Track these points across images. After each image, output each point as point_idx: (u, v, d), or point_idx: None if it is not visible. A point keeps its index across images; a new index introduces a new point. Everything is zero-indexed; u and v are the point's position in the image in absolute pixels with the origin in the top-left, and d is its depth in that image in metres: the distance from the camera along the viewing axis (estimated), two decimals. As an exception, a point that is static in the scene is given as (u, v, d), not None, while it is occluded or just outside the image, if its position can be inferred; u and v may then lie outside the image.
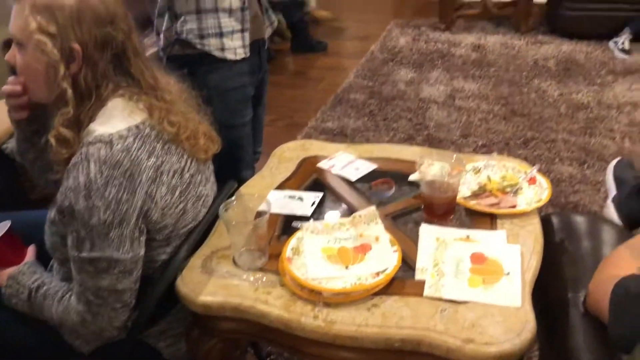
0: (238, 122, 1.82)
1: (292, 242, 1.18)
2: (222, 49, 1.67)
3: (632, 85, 3.39)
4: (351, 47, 4.58)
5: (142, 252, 1.09)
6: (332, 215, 1.30)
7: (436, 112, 3.27)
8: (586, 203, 2.42)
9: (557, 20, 4.16)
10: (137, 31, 1.12)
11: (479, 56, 3.98)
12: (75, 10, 1.02)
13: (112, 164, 1.01)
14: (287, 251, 1.15)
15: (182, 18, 1.61)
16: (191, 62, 1.66)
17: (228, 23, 1.66)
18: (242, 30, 1.71)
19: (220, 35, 1.65)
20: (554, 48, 4.01)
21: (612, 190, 1.69)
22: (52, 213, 1.10)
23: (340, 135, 3.10)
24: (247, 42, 1.74)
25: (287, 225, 1.29)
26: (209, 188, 1.26)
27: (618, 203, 1.61)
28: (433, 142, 2.97)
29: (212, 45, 1.65)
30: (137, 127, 1.07)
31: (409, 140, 3.00)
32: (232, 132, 1.79)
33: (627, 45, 3.79)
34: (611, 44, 3.89)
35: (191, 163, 1.18)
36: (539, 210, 1.31)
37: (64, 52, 1.02)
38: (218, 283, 1.13)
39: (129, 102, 1.09)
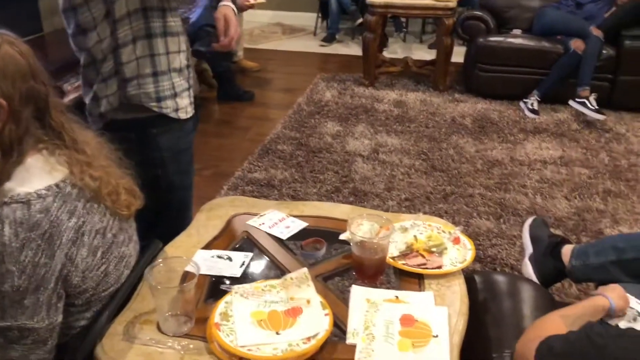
0: (188, 183, 1.80)
1: (221, 306, 1.14)
2: (177, 110, 1.64)
3: (541, 144, 3.63)
4: (278, 98, 4.64)
5: (58, 319, 1.02)
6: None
7: (361, 165, 3.35)
8: (503, 257, 2.53)
9: (472, 81, 4.42)
10: (52, 84, 1.09)
11: (401, 112, 4.14)
12: None
13: (29, 226, 0.95)
14: (215, 316, 1.11)
15: (135, 82, 1.55)
16: (138, 126, 1.60)
17: (179, 82, 1.63)
18: (189, 88, 1.70)
19: (174, 95, 1.62)
20: (470, 106, 4.24)
21: (529, 249, 1.77)
22: None
23: (267, 187, 3.10)
24: (192, 99, 1.73)
25: (215, 287, 1.26)
26: (132, 248, 1.21)
27: (535, 262, 1.70)
28: (359, 194, 3.03)
29: (168, 107, 1.61)
30: (57, 185, 1.02)
31: (335, 192, 3.04)
32: (183, 193, 1.77)
33: (535, 106, 4.07)
34: (522, 104, 4.16)
35: (113, 222, 1.13)
36: (463, 269, 1.35)
37: None
38: (141, 351, 1.08)
39: (49, 158, 1.04)
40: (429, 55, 5.28)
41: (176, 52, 1.61)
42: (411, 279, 1.29)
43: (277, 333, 1.09)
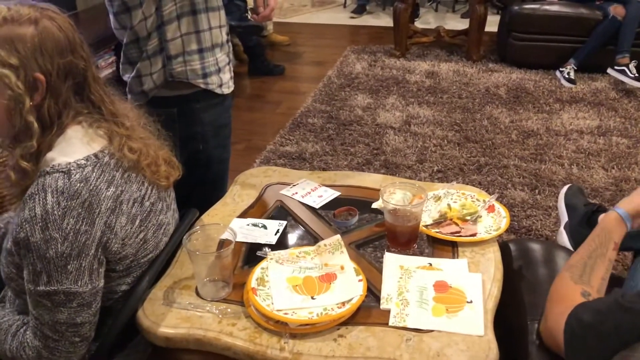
0: (226, 156, 1.83)
1: (257, 272, 1.17)
2: (221, 85, 1.65)
3: (578, 114, 3.54)
4: (308, 72, 4.63)
5: (101, 284, 1.06)
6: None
7: (393, 137, 3.33)
8: (538, 227, 2.50)
9: (506, 50, 4.32)
10: (93, 57, 1.11)
11: (433, 83, 4.08)
12: (37, 40, 0.99)
13: (70, 195, 0.98)
14: (252, 281, 1.14)
15: (181, 59, 1.55)
16: (182, 102, 1.61)
17: (222, 57, 1.64)
18: (229, 62, 1.71)
19: (219, 70, 1.63)
20: (504, 76, 4.15)
21: (564, 217, 1.74)
22: (8, 243, 1.06)
23: (299, 160, 3.11)
24: (232, 73, 1.74)
25: (251, 254, 1.28)
26: (170, 216, 1.24)
27: (570, 230, 1.66)
28: (390, 167, 3.02)
29: (214, 82, 1.62)
30: (95, 155, 1.05)
31: (366, 165, 3.04)
32: (221, 166, 1.80)
33: (572, 75, 3.97)
34: (558, 73, 4.06)
35: (152, 191, 1.16)
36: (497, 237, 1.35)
37: (27, 83, 1.00)
38: (180, 315, 1.11)
39: (88, 130, 1.06)
40: (461, 24, 5.17)
41: (218, 26, 1.61)
42: (445, 247, 1.29)
43: (313, 298, 1.11)
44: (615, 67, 3.78)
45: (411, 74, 4.25)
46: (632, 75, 3.71)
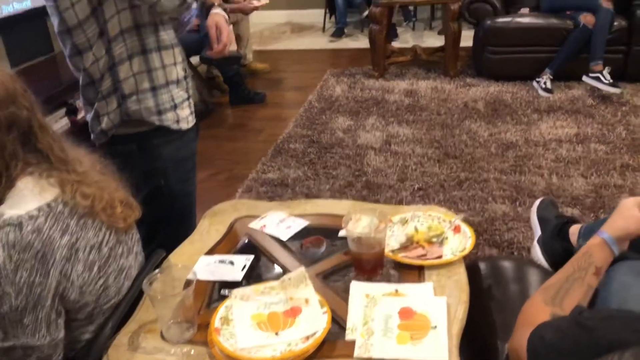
0: (190, 190, 1.83)
1: (221, 311, 1.16)
2: (177, 121, 1.67)
3: (556, 122, 3.57)
4: (289, 98, 4.66)
5: (60, 334, 1.05)
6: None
7: (373, 157, 3.34)
8: (520, 240, 2.50)
9: (482, 64, 4.37)
10: (38, 105, 1.11)
11: (412, 101, 4.12)
12: None
13: (22, 247, 0.98)
14: (216, 321, 1.13)
15: (134, 97, 1.58)
16: (140, 138, 1.64)
17: (178, 94, 1.66)
18: (188, 98, 1.73)
19: (174, 107, 1.65)
20: (481, 90, 4.19)
21: (537, 231, 1.75)
22: None
23: (281, 186, 3.12)
24: (193, 108, 1.76)
25: (218, 292, 1.28)
26: (132, 259, 1.24)
27: (543, 243, 1.67)
28: (372, 187, 3.02)
29: (169, 119, 1.64)
30: (48, 205, 1.05)
31: (348, 187, 3.05)
32: (185, 200, 1.80)
33: (549, 85, 4.01)
34: (534, 83, 4.10)
35: (110, 235, 1.15)
36: (466, 257, 1.35)
37: None
38: (145, 360, 1.10)
39: (39, 180, 1.06)
40: (439, 41, 5.22)
41: (172, 64, 1.64)
42: (412, 271, 1.29)
43: (276, 334, 1.10)
44: (590, 75, 3.83)
45: (390, 94, 4.29)
46: (607, 82, 3.75)
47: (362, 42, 5.78)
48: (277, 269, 1.34)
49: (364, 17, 5.78)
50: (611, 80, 3.75)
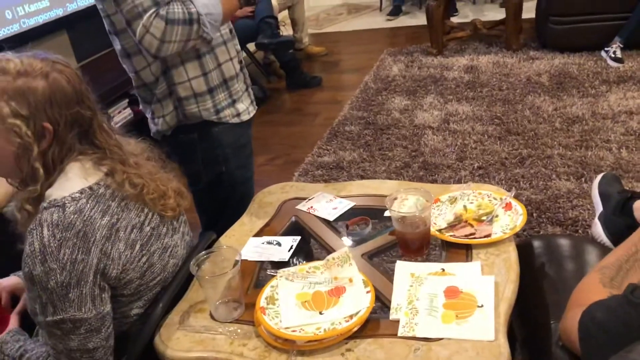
0: (250, 175, 1.84)
1: (267, 291, 1.18)
2: (238, 114, 1.67)
3: (627, 94, 3.37)
4: (346, 80, 4.64)
5: (106, 308, 1.10)
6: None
7: (431, 137, 3.28)
8: (586, 217, 2.39)
9: (546, 35, 4.17)
10: (98, 105, 1.16)
11: (472, 77, 3.99)
12: (47, 93, 1.05)
13: (64, 227, 1.03)
14: (261, 301, 1.15)
15: (192, 100, 1.56)
16: (201, 128, 1.63)
17: (236, 88, 1.65)
18: (247, 89, 1.72)
19: (233, 102, 1.64)
20: (546, 63, 4.01)
21: (599, 207, 1.65)
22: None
23: (336, 169, 3.12)
24: (253, 97, 1.76)
25: (266, 272, 1.30)
26: (178, 239, 1.27)
27: (604, 220, 1.58)
28: (429, 168, 2.97)
29: (228, 116, 1.64)
30: (90, 188, 1.10)
31: (404, 168, 3.01)
32: (246, 185, 1.81)
33: (619, 54, 3.78)
34: (603, 53, 3.88)
35: (152, 216, 1.19)
36: (519, 235, 1.30)
37: (36, 132, 1.06)
38: (195, 338, 1.14)
39: (86, 165, 1.11)
40: (501, 14, 5.01)
41: (227, 60, 1.62)
42: (459, 250, 1.26)
43: (321, 313, 1.11)
44: (665, 40, 3.57)
45: (449, 71, 4.18)
46: (684, 47, 3.49)
47: (420, 19, 5.64)
48: (323, 250, 1.35)
49: (421, -6, 5.65)
50: (688, 45, 3.49)
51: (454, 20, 5.14)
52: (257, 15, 4.12)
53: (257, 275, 1.30)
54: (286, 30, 4.98)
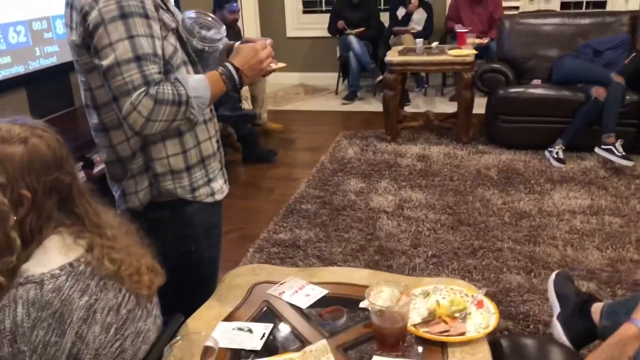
0: (217, 254, 1.77)
1: (241, 382, 1.13)
2: (212, 194, 1.63)
3: (569, 193, 3.57)
4: (302, 158, 4.71)
5: None
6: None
7: (386, 221, 3.34)
8: (536, 313, 2.45)
9: (495, 132, 4.42)
10: (77, 171, 1.13)
11: (424, 166, 4.14)
12: (25, 159, 1.02)
13: (41, 306, 0.97)
14: (235, 393, 1.10)
15: (169, 177, 1.52)
16: (173, 206, 1.57)
17: (212, 167, 1.62)
18: (221, 168, 1.70)
19: (209, 181, 1.61)
20: (494, 157, 4.22)
21: (556, 307, 1.72)
22: None
23: (292, 247, 3.10)
24: (226, 176, 1.73)
25: (236, 359, 1.25)
26: (151, 323, 1.22)
27: (563, 321, 1.64)
28: (384, 252, 3.00)
29: (202, 194, 1.59)
30: (71, 264, 1.04)
31: (360, 251, 3.03)
32: (212, 266, 1.74)
33: (561, 155, 4.04)
34: (547, 153, 4.13)
35: (129, 297, 1.14)
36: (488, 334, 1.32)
37: (13, 200, 1.01)
38: None
39: (66, 239, 1.07)
40: (450, 107, 5.32)
41: (207, 139, 1.59)
42: (434, 347, 1.26)
43: (298, 410, 1.07)
44: (603, 147, 3.86)
45: (402, 158, 4.32)
46: (619, 154, 3.77)
47: (374, 105, 5.88)
48: (297, 339, 1.32)
49: (376, 82, 5.90)
50: (623, 153, 3.78)
51: (407, 109, 5.38)
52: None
53: (228, 363, 1.24)
54: (246, 105, 5.07)
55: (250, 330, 1.34)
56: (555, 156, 4.03)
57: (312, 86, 6.79)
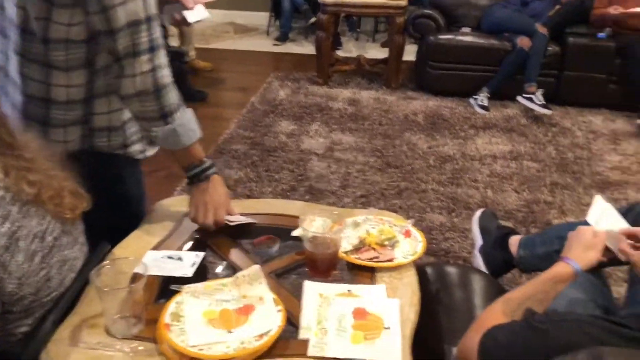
0: (143, 191, 1.70)
1: (171, 306, 1.12)
2: (144, 150, 1.56)
3: (491, 139, 3.72)
4: (231, 98, 4.60)
5: None
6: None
7: (317, 163, 3.35)
8: (456, 250, 2.57)
9: (424, 78, 4.49)
10: None
11: (355, 110, 4.17)
12: None
13: None
14: (166, 317, 1.09)
15: (104, 133, 1.44)
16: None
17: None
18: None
19: (142, 138, 1.53)
20: (422, 103, 4.31)
21: (479, 241, 1.81)
22: None
23: (221, 187, 3.06)
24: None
25: (166, 288, 1.23)
26: (78, 250, 1.18)
27: (484, 253, 1.73)
28: (314, 193, 3.03)
29: (135, 150, 1.52)
30: None
31: (291, 191, 3.04)
32: (139, 200, 1.68)
33: (485, 102, 4.17)
34: (472, 100, 4.25)
35: (55, 224, 1.09)
36: (415, 261, 1.37)
37: None
38: (88, 355, 1.04)
39: None
40: (381, 53, 5.32)
41: None
42: (364, 273, 1.30)
43: (229, 331, 1.08)
44: (524, 95, 4.01)
45: (334, 101, 4.32)
46: (539, 103, 3.94)
47: (306, 48, 5.80)
48: (229, 267, 1.31)
49: (309, 24, 5.81)
50: (543, 102, 3.95)
51: (339, 53, 5.35)
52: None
53: (158, 290, 1.23)
54: (172, 42, 4.85)
55: (180, 259, 1.32)
56: (480, 103, 4.16)
57: (242, 25, 6.58)
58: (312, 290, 1.21)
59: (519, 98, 4.04)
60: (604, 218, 1.27)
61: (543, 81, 4.08)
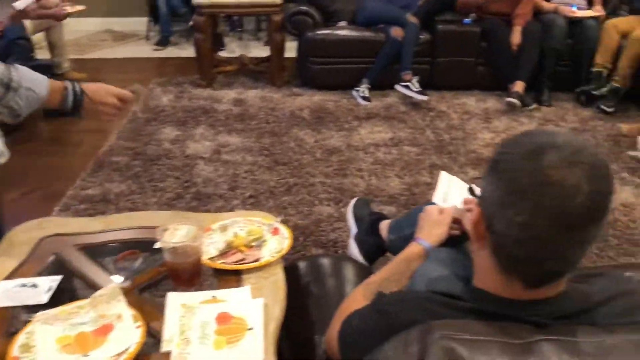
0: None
1: (21, 338, 1.06)
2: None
3: (374, 128, 3.84)
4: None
5: None
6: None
7: (203, 167, 3.30)
8: (344, 239, 2.63)
9: (306, 74, 4.55)
10: None
11: (241, 110, 4.14)
12: None
13: None
14: (14, 350, 1.03)
15: None
16: None
17: None
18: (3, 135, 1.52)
19: None
20: (307, 99, 4.36)
21: (354, 229, 1.86)
22: None
23: (103, 202, 2.94)
24: (4, 138, 1.55)
25: (20, 319, 1.17)
26: None
27: (358, 240, 1.78)
28: (202, 198, 2.98)
29: None
30: None
31: (177, 199, 2.97)
32: None
33: (366, 93, 4.29)
34: (354, 92, 4.36)
35: None
36: (286, 259, 1.39)
37: None
38: None
39: None
40: (265, 52, 5.30)
41: None
42: (230, 277, 1.30)
43: (85, 355, 1.04)
44: (401, 83, 4.17)
45: (219, 103, 4.27)
46: (416, 90, 4.12)
47: (188, 51, 5.66)
48: (89, 289, 1.27)
49: (189, 27, 5.69)
50: (420, 89, 4.13)
51: (222, 54, 5.29)
52: (7, 35, 3.72)
53: (11, 323, 1.16)
54: (42, 54, 4.59)
55: (34, 285, 1.25)
56: (362, 95, 4.27)
57: (119, 32, 6.34)
58: (175, 301, 1.20)
59: (397, 86, 4.20)
60: (451, 193, 1.35)
61: (418, 68, 4.26)
